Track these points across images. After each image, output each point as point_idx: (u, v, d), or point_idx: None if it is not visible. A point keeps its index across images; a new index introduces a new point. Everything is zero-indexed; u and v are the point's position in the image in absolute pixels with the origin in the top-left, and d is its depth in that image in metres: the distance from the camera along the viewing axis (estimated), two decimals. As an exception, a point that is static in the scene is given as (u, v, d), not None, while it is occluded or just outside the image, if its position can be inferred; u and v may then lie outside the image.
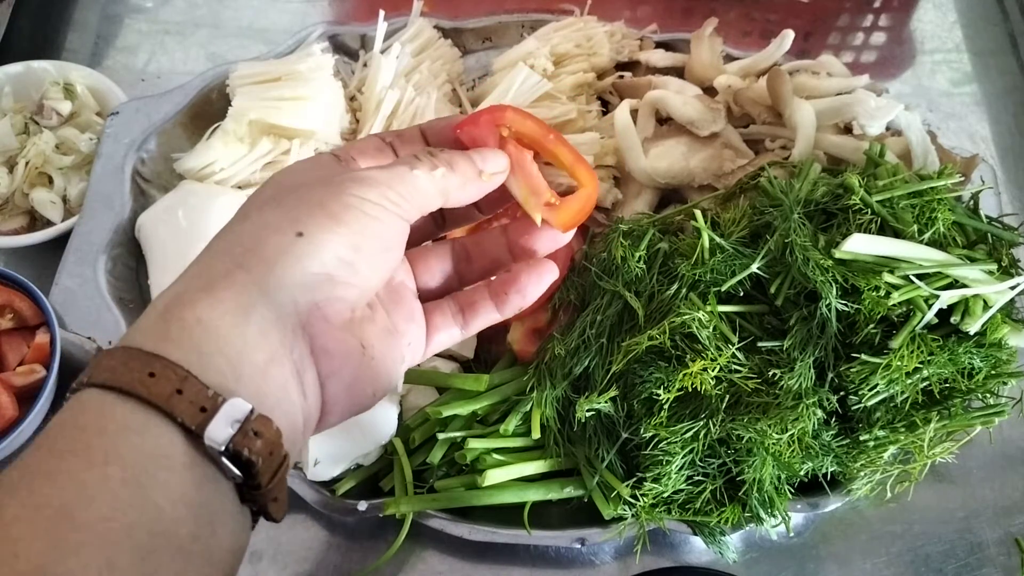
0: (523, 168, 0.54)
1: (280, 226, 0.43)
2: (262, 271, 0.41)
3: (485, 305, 0.54)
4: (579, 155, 0.56)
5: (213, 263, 0.43)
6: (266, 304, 0.41)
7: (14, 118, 0.96)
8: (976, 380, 0.69)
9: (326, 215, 0.43)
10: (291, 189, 0.46)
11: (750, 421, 0.69)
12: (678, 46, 1.05)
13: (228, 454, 0.37)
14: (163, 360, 0.38)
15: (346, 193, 0.44)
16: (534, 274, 0.54)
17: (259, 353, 0.40)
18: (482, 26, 1.08)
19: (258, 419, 0.38)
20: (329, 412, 0.45)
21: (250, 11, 1.18)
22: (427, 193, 0.48)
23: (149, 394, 0.37)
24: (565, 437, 0.78)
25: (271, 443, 0.39)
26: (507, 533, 0.77)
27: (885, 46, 1.20)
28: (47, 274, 0.84)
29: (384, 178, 0.46)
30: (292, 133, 0.91)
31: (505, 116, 0.54)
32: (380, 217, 0.45)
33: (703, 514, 0.75)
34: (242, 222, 0.45)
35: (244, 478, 0.39)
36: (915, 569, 0.82)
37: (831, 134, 0.88)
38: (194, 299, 0.40)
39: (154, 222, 0.88)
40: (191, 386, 0.37)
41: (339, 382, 0.45)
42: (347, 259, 0.44)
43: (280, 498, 0.41)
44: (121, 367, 0.38)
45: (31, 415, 0.77)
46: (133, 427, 0.36)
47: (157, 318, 0.40)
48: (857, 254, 0.67)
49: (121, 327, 0.82)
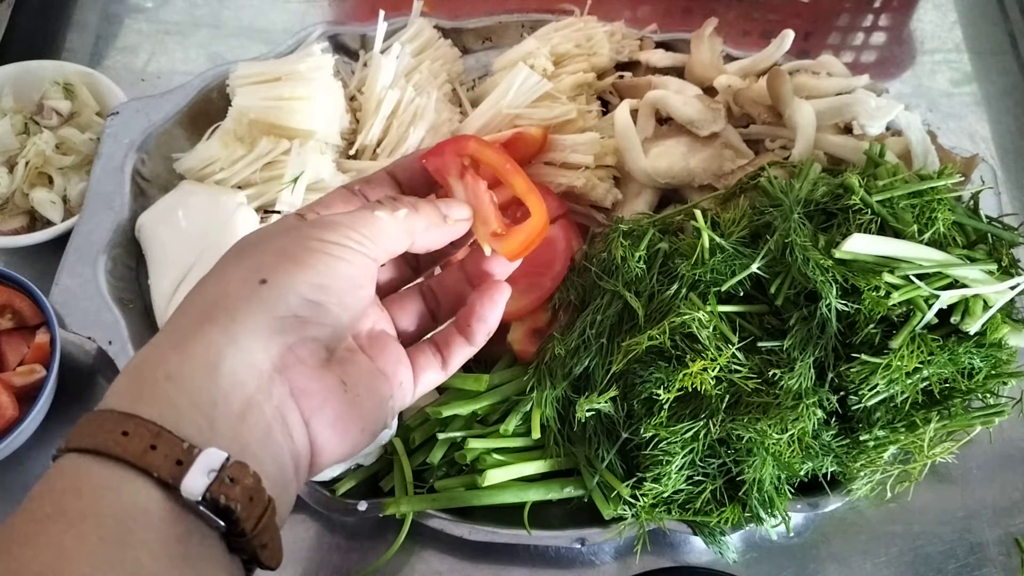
0: (477, 197, 0.56)
1: (244, 276, 0.44)
2: (228, 322, 0.42)
3: (457, 341, 0.56)
4: (532, 185, 0.58)
5: (181, 321, 0.44)
6: (236, 353, 0.42)
7: (14, 118, 0.96)
8: (976, 380, 0.69)
9: (288, 260, 0.45)
10: (254, 243, 0.47)
11: (750, 421, 0.69)
12: (678, 46, 1.05)
13: (206, 503, 0.38)
14: (136, 419, 0.38)
15: (308, 238, 0.46)
16: (487, 300, 0.56)
17: (234, 402, 0.41)
18: (482, 26, 1.08)
19: (234, 466, 0.39)
20: (319, 452, 0.46)
21: (250, 11, 1.18)
22: (391, 234, 0.49)
23: (123, 452, 0.37)
24: (565, 437, 0.78)
25: (249, 488, 0.39)
26: (507, 533, 0.77)
27: (885, 46, 1.20)
28: (47, 274, 0.84)
29: (346, 220, 0.48)
30: (292, 133, 0.91)
31: (468, 146, 0.56)
32: (344, 257, 0.46)
33: (703, 514, 0.75)
34: (208, 279, 0.46)
35: (227, 526, 0.39)
36: (915, 569, 0.82)
37: (831, 134, 0.88)
38: (164, 357, 0.41)
39: (154, 222, 0.88)
40: (165, 441, 0.38)
41: (323, 420, 0.45)
42: (314, 299, 0.44)
43: (271, 545, 0.41)
44: (96, 429, 0.38)
45: (31, 415, 0.77)
46: (109, 485, 0.37)
47: (129, 380, 0.41)
48: (857, 254, 0.67)
49: (121, 327, 0.82)
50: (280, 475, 0.43)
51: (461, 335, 0.56)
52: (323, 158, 0.92)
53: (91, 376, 0.89)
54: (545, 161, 0.91)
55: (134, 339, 0.82)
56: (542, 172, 0.91)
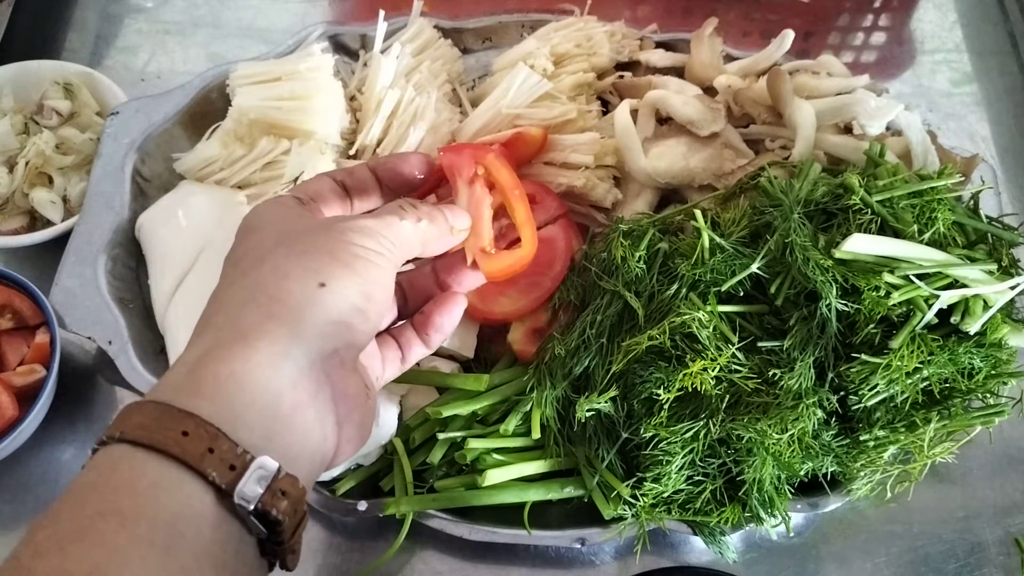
0: (477, 209, 0.57)
1: (301, 276, 0.45)
2: (292, 321, 0.43)
3: (415, 341, 0.58)
4: (531, 218, 0.59)
5: (241, 314, 0.44)
6: (297, 355, 0.43)
7: (14, 118, 0.96)
8: (976, 380, 0.69)
9: (341, 265, 0.45)
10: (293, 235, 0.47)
11: (750, 421, 0.69)
12: (678, 46, 1.05)
13: (256, 512, 0.38)
14: (196, 418, 0.38)
15: (352, 243, 0.47)
16: (444, 312, 0.57)
17: (286, 404, 0.42)
18: (482, 26, 1.08)
19: (285, 478, 0.39)
20: (340, 453, 0.47)
21: (250, 11, 1.18)
22: (411, 242, 0.51)
23: (183, 453, 0.37)
24: (565, 437, 0.78)
25: (296, 501, 0.40)
26: (507, 533, 0.77)
27: (885, 46, 1.20)
28: (47, 274, 0.84)
29: (378, 227, 0.48)
30: (292, 133, 0.91)
31: (486, 157, 0.57)
32: (381, 265, 0.47)
33: (703, 514, 0.75)
34: (255, 268, 0.46)
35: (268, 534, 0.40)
36: (915, 569, 0.82)
37: (831, 134, 0.88)
38: (229, 352, 0.41)
39: (154, 222, 0.88)
40: (221, 444, 0.38)
41: (352, 423, 0.47)
42: (360, 307, 0.46)
43: (297, 551, 0.42)
44: (154, 424, 0.38)
45: (31, 415, 0.77)
46: (164, 486, 0.37)
47: (188, 372, 0.41)
48: (857, 254, 0.67)
49: (121, 327, 0.82)
50: (309, 477, 0.43)
51: (418, 337, 0.57)
52: (323, 158, 0.92)
53: (91, 376, 0.89)
54: (545, 161, 0.91)
55: (134, 339, 0.82)
56: (542, 172, 0.91)
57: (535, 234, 0.59)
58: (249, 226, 0.50)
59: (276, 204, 0.51)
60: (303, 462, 0.42)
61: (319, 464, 0.45)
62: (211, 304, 0.46)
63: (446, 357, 0.84)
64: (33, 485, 0.83)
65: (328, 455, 0.46)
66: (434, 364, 0.82)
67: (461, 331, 0.83)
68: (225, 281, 0.47)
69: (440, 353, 0.83)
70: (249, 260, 0.47)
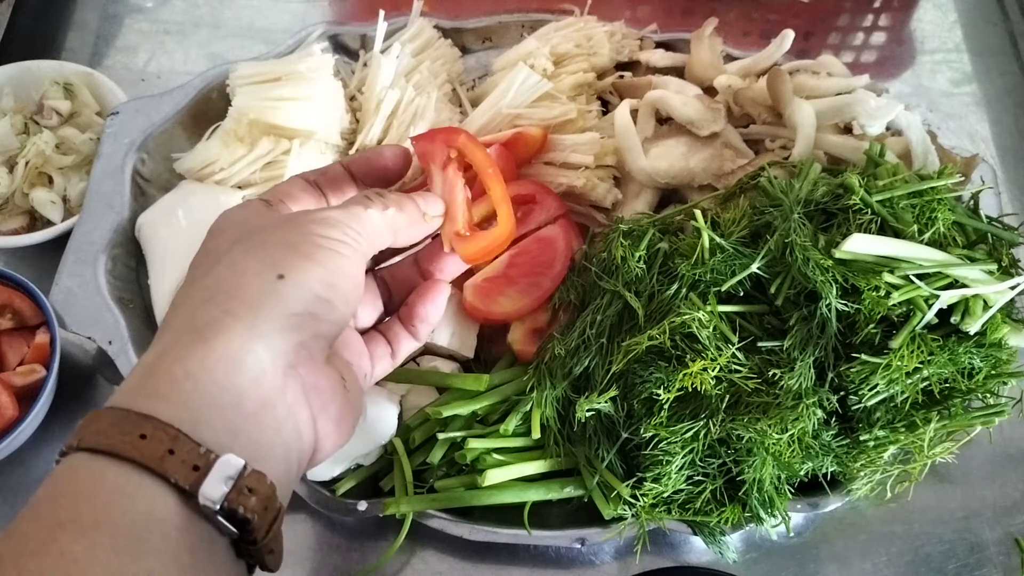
0: (451, 193, 0.56)
1: (259, 270, 0.44)
2: (250, 316, 0.42)
3: (403, 334, 0.57)
4: (508, 197, 0.58)
5: (197, 313, 0.42)
6: (258, 349, 0.41)
7: (14, 118, 0.96)
8: (976, 380, 0.69)
9: (300, 256, 0.45)
10: (254, 232, 0.47)
11: (750, 421, 0.69)
12: (678, 46, 1.05)
13: (223, 512, 0.37)
14: (154, 420, 0.37)
15: (313, 234, 0.46)
16: (427, 301, 0.56)
17: (251, 401, 0.40)
18: (482, 26, 1.08)
19: (251, 475, 0.38)
20: (320, 449, 0.46)
21: (250, 11, 1.18)
22: (379, 230, 0.50)
23: (141, 456, 0.36)
24: (565, 437, 0.78)
25: (265, 498, 0.38)
26: (507, 533, 0.77)
27: (885, 46, 1.20)
28: (47, 274, 0.84)
29: (343, 217, 0.48)
30: (292, 133, 0.91)
31: (457, 139, 0.56)
32: (346, 254, 0.46)
33: (703, 514, 0.75)
34: (213, 267, 0.45)
35: (240, 534, 0.38)
36: (915, 569, 0.82)
37: (831, 134, 0.88)
38: (184, 352, 0.40)
39: (154, 222, 0.88)
40: (183, 445, 0.37)
41: (329, 417, 0.45)
42: (325, 297, 0.45)
43: (276, 550, 0.41)
44: (111, 429, 0.37)
45: (31, 415, 0.77)
46: (125, 491, 0.36)
47: (144, 375, 0.40)
48: (857, 254, 0.67)
49: (121, 327, 0.82)
50: (285, 474, 0.42)
51: (406, 330, 0.57)
52: (323, 158, 0.93)
53: (91, 376, 0.89)
54: (545, 161, 0.91)
55: (134, 339, 0.82)
56: (542, 172, 0.91)
57: (512, 213, 0.58)
58: (212, 230, 0.49)
59: (241, 207, 0.50)
60: (276, 460, 0.41)
61: (296, 461, 0.44)
62: (171, 308, 0.45)
63: (446, 357, 0.84)
64: (33, 485, 0.82)
65: (306, 451, 0.45)
66: (434, 364, 0.82)
67: (461, 331, 0.83)
68: (185, 284, 0.46)
69: (440, 353, 0.83)
70: (208, 261, 0.46)
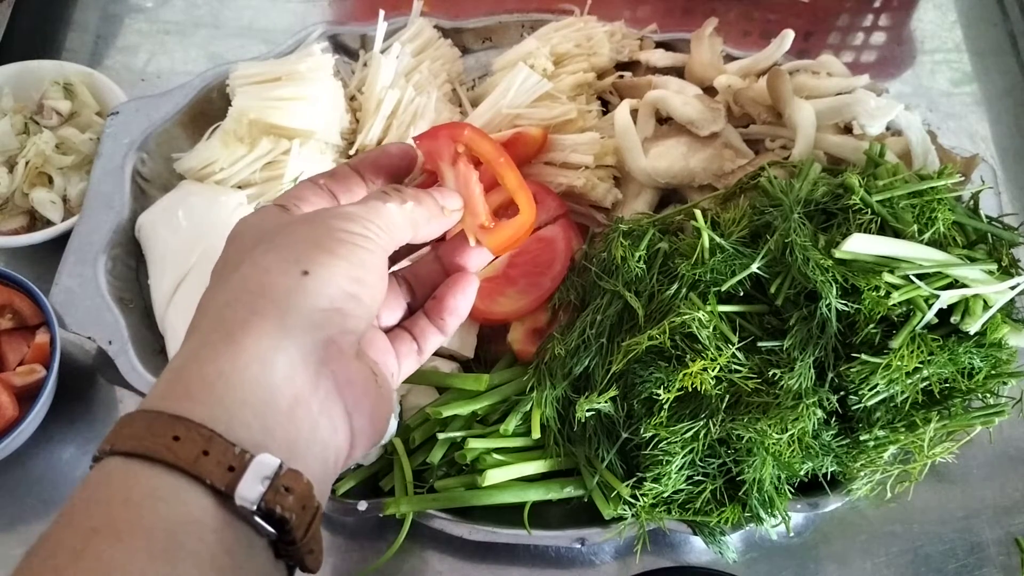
0: (467, 187, 0.56)
1: (283, 268, 0.43)
2: (278, 314, 0.42)
3: (430, 330, 0.56)
4: (523, 182, 0.57)
5: (225, 314, 0.42)
6: (289, 347, 0.41)
7: (14, 118, 0.96)
8: (976, 380, 0.69)
9: (324, 252, 0.44)
10: (274, 232, 0.46)
11: (750, 421, 0.69)
12: (678, 46, 1.05)
13: (260, 512, 0.37)
14: (187, 421, 0.37)
15: (335, 229, 0.46)
16: (458, 292, 0.56)
17: (283, 399, 0.40)
18: (482, 26, 1.08)
19: (287, 474, 0.38)
20: (355, 445, 0.46)
21: (250, 11, 1.18)
22: (399, 225, 0.50)
23: (175, 458, 0.36)
24: (565, 437, 0.78)
25: (303, 497, 0.38)
26: (507, 533, 0.77)
27: (885, 46, 1.20)
28: (47, 274, 0.84)
29: (363, 212, 0.48)
30: (292, 133, 0.91)
31: (463, 134, 0.56)
32: (370, 248, 0.46)
33: (703, 514, 0.75)
34: (236, 269, 0.45)
35: (278, 535, 0.38)
36: (915, 569, 0.82)
37: (831, 134, 0.88)
38: (214, 353, 0.40)
39: (154, 222, 0.88)
40: (217, 446, 0.37)
41: (363, 413, 0.45)
42: (351, 291, 0.45)
43: (315, 550, 0.41)
44: (144, 432, 0.37)
45: (31, 415, 0.77)
46: (160, 494, 0.36)
47: (174, 378, 0.40)
48: (857, 254, 0.67)
49: (121, 327, 0.82)
50: (323, 473, 0.42)
51: (433, 325, 0.56)
52: (323, 158, 0.93)
53: (91, 376, 0.89)
54: (545, 161, 0.91)
55: (134, 339, 0.82)
56: (542, 172, 0.91)
57: (531, 197, 0.57)
58: (231, 236, 0.49)
59: (257, 212, 0.50)
60: (312, 458, 0.41)
61: (333, 459, 0.43)
62: (196, 312, 0.45)
63: (446, 357, 0.84)
64: (33, 485, 0.83)
65: (342, 447, 0.44)
66: (434, 364, 0.82)
67: (461, 331, 0.83)
68: (209, 289, 0.46)
69: (440, 353, 0.83)
70: (231, 265, 0.46)
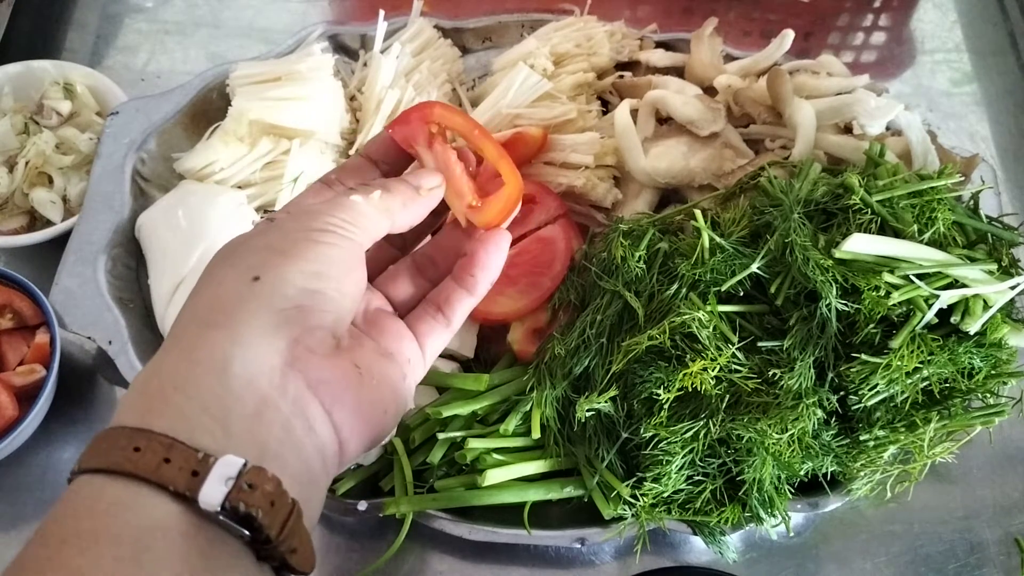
0: (447, 168, 0.55)
1: (235, 277, 0.44)
2: (229, 323, 0.42)
3: (458, 294, 0.54)
4: (503, 151, 0.56)
5: (182, 330, 0.43)
6: (244, 353, 0.41)
7: (14, 118, 0.97)
8: (976, 380, 0.69)
9: (276, 254, 0.45)
10: (239, 245, 0.47)
11: (750, 421, 0.69)
12: (678, 46, 1.05)
13: (226, 512, 0.37)
14: (148, 433, 0.38)
15: (291, 230, 0.46)
16: (491, 247, 0.54)
17: (248, 404, 0.40)
18: (482, 26, 1.08)
19: (251, 471, 0.38)
20: (346, 441, 0.45)
21: (250, 11, 1.18)
22: (370, 216, 0.49)
23: (135, 468, 0.36)
24: (565, 437, 0.78)
25: (270, 493, 0.38)
26: (507, 533, 0.77)
27: (885, 46, 1.20)
28: (47, 274, 0.84)
29: (323, 208, 0.48)
30: (292, 133, 0.91)
31: (433, 112, 0.55)
32: (331, 242, 0.46)
33: (703, 514, 0.75)
34: (201, 286, 0.46)
35: (251, 534, 0.38)
36: (915, 569, 0.82)
37: (831, 134, 0.88)
38: (171, 368, 0.41)
39: (154, 222, 0.88)
40: (179, 452, 0.37)
41: (344, 408, 0.45)
42: (311, 287, 0.44)
43: (300, 549, 0.41)
44: (108, 447, 0.38)
45: (31, 415, 0.77)
46: (123, 503, 0.36)
47: (137, 395, 0.41)
48: (857, 254, 0.67)
49: (121, 327, 0.82)
50: (306, 472, 0.42)
51: (462, 287, 0.54)
52: (323, 158, 0.93)
53: (91, 376, 0.89)
54: (545, 161, 0.91)
55: (134, 339, 0.82)
56: (542, 172, 0.91)
57: (513, 165, 0.56)
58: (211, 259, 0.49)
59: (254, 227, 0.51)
60: (288, 457, 0.41)
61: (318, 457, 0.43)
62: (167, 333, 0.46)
63: (446, 357, 0.84)
64: (33, 485, 0.83)
65: (327, 445, 0.44)
66: (434, 364, 0.82)
67: (461, 331, 0.83)
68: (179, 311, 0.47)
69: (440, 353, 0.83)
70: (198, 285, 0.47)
